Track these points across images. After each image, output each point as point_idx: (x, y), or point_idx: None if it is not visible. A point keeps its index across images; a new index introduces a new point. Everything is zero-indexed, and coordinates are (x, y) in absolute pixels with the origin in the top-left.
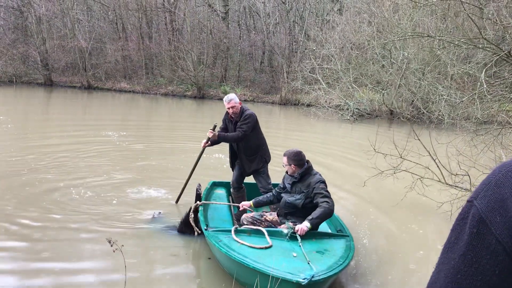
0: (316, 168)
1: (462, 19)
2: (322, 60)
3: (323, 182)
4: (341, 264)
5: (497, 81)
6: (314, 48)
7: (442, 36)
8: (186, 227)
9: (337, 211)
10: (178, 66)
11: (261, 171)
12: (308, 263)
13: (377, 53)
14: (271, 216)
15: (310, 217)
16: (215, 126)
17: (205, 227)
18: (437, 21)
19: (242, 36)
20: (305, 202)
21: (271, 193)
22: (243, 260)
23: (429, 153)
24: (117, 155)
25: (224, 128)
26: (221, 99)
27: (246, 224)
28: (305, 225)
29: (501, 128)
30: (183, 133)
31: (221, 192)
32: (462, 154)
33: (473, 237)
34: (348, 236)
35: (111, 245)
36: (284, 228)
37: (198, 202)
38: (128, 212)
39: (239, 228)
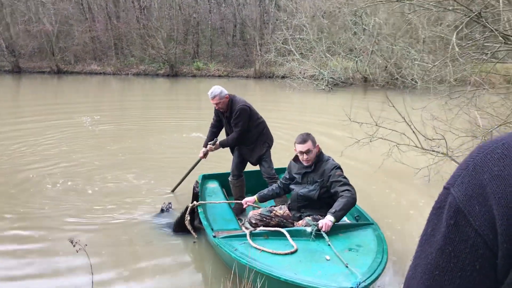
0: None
1: None
2: (294, 31)
3: (339, 167)
4: (381, 262)
5: (468, 43)
6: (286, 18)
7: (411, 0)
8: (182, 229)
9: None
10: (148, 45)
11: (264, 157)
12: (347, 267)
13: (349, 20)
14: (281, 210)
15: (332, 209)
16: (215, 141)
17: (213, 234)
18: None
19: (212, 10)
20: (320, 193)
21: (276, 185)
22: (272, 272)
23: (404, 119)
24: (93, 139)
25: (218, 121)
26: (195, 75)
27: (255, 223)
28: (329, 220)
29: (475, 90)
30: (159, 112)
31: (214, 185)
32: (437, 118)
33: (450, 229)
34: (372, 224)
35: (74, 245)
36: (305, 226)
37: (195, 202)
38: (115, 203)
39: (254, 231)
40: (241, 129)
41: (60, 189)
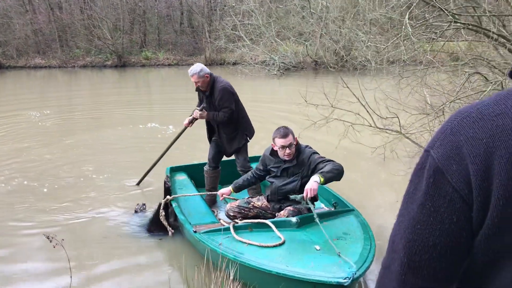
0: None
1: None
2: (243, 16)
3: (316, 152)
4: (370, 249)
5: (418, 23)
6: (234, 4)
7: None
8: (157, 227)
9: None
10: (94, 35)
11: (242, 149)
12: (339, 255)
13: (296, 4)
14: (260, 202)
15: (320, 170)
16: (203, 107)
17: (194, 229)
18: None
19: None
20: (302, 183)
21: (251, 174)
22: (263, 266)
23: (358, 99)
24: (44, 135)
25: (200, 101)
26: (144, 65)
27: (233, 215)
28: (314, 181)
29: (426, 68)
30: (111, 104)
31: (183, 178)
32: (390, 97)
33: (430, 186)
34: (353, 209)
35: (50, 241)
36: (289, 216)
37: (168, 196)
38: (75, 201)
39: (237, 224)
40: (229, 109)
41: (13, 189)
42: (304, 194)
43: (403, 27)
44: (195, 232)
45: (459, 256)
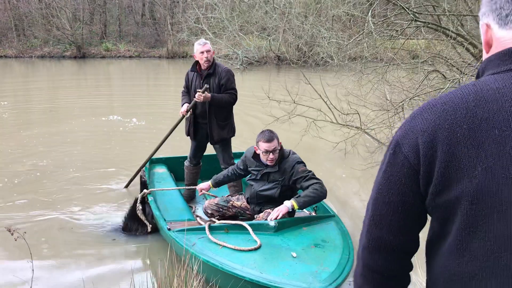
0: None
1: None
2: (206, 9)
3: (301, 162)
4: (348, 258)
5: (380, 20)
6: None
7: None
8: (133, 223)
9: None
10: (52, 25)
11: (227, 143)
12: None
13: None
14: (239, 201)
15: (297, 195)
16: (206, 88)
17: (167, 226)
18: None
19: None
20: (281, 191)
21: (231, 170)
22: (235, 271)
23: (320, 96)
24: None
25: (185, 89)
26: (104, 57)
27: (211, 213)
28: (284, 206)
29: (387, 65)
30: (69, 95)
31: (162, 170)
32: (352, 94)
33: (390, 156)
34: (334, 216)
35: (12, 234)
36: (268, 219)
37: (145, 190)
38: (37, 198)
39: (213, 225)
40: (236, 92)
41: None
42: (270, 216)
43: (366, 24)
44: (169, 229)
45: (410, 212)
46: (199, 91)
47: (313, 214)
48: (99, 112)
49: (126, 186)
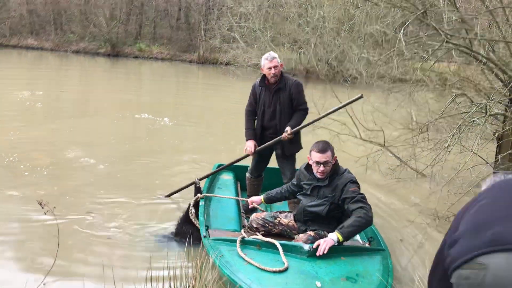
0: (236, 131)
1: None
2: (240, 18)
3: (355, 182)
4: None
5: (412, 39)
6: (232, 5)
7: None
8: (187, 227)
9: None
10: (89, 22)
11: (294, 158)
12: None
13: (294, 12)
14: (287, 219)
15: (340, 225)
16: (287, 129)
17: (204, 234)
18: None
19: None
20: (329, 209)
21: (286, 188)
22: None
23: (346, 111)
24: (31, 116)
25: (252, 104)
26: (136, 57)
27: (256, 227)
28: (331, 239)
29: (415, 85)
30: (102, 91)
31: (228, 177)
32: (378, 110)
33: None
34: (384, 250)
35: (42, 207)
36: (303, 243)
37: (199, 194)
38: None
39: (246, 238)
40: (306, 105)
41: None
42: (319, 250)
43: (397, 41)
44: (204, 237)
45: None
46: (286, 133)
47: (367, 245)
48: (128, 108)
49: (169, 195)
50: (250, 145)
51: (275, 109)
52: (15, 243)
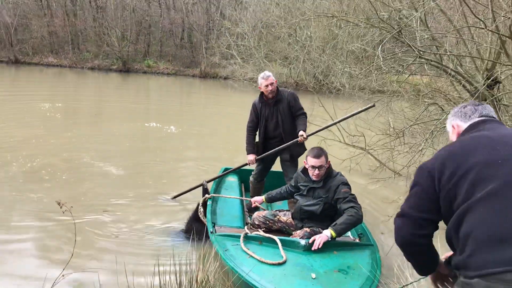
0: (235, 138)
1: (357, 1)
2: (237, 38)
3: (346, 183)
4: None
5: (389, 55)
6: (229, 26)
7: (345, 17)
8: (196, 224)
9: None
10: (103, 42)
11: (297, 160)
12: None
13: (284, 32)
14: (285, 217)
15: (333, 223)
16: (301, 133)
17: (211, 230)
18: (334, 3)
19: (163, 14)
20: (324, 208)
21: (285, 188)
22: (251, 281)
23: (331, 117)
24: (52, 125)
25: (253, 121)
26: (145, 72)
27: (258, 224)
28: (325, 235)
29: (392, 96)
30: (114, 103)
31: (233, 180)
32: (359, 118)
33: (416, 174)
34: (372, 245)
35: (60, 207)
36: (300, 238)
37: (206, 195)
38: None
39: (249, 234)
40: (304, 112)
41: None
42: (315, 244)
43: (376, 57)
44: (211, 232)
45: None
46: (301, 136)
47: (357, 240)
48: (138, 118)
49: (174, 197)
50: (251, 159)
51: (277, 120)
52: (36, 240)
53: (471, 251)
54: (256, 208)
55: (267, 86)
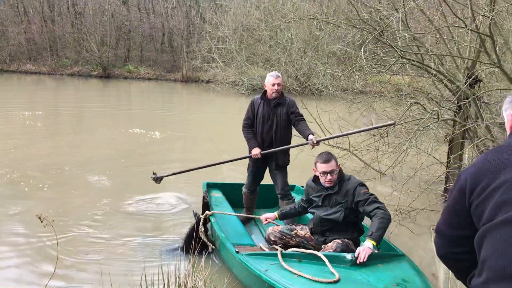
0: (219, 141)
1: (338, 2)
2: (218, 41)
3: (363, 184)
4: None
5: (371, 56)
6: (210, 30)
7: (326, 18)
8: (195, 243)
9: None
10: (82, 48)
11: (285, 169)
12: None
13: (265, 35)
14: (303, 231)
15: (369, 232)
16: (311, 137)
17: (236, 249)
18: (315, 5)
19: (142, 19)
20: (345, 214)
21: (298, 204)
22: None
23: (315, 119)
24: (33, 133)
25: (249, 118)
26: (126, 78)
27: (274, 240)
28: (367, 247)
29: (374, 96)
30: (95, 109)
31: (218, 195)
32: (343, 119)
33: (452, 190)
34: (404, 255)
35: (41, 221)
36: (337, 249)
37: (207, 211)
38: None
39: (285, 252)
40: (302, 115)
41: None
42: (360, 258)
43: (358, 58)
44: (237, 252)
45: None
46: (312, 139)
47: (376, 251)
48: (121, 124)
49: (157, 179)
50: (257, 152)
51: (272, 123)
52: (17, 256)
53: (487, 278)
54: (248, 222)
55: (273, 84)
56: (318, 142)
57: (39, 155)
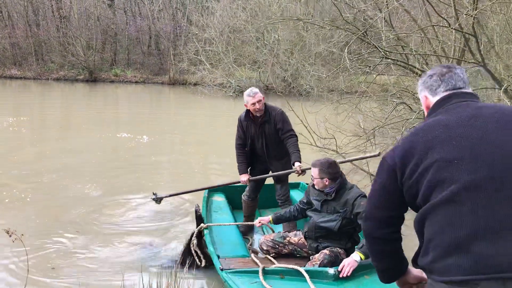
0: (207, 143)
1: (322, 4)
2: (205, 43)
3: (365, 196)
4: None
5: (355, 57)
6: (197, 32)
7: (309, 19)
8: (189, 257)
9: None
10: (68, 52)
11: (287, 179)
12: None
13: (252, 36)
14: (296, 237)
15: (360, 244)
16: (298, 165)
17: (220, 266)
18: (301, 6)
19: (129, 22)
20: (342, 224)
21: (294, 207)
22: None
23: (301, 121)
24: (17, 140)
25: (241, 137)
26: (113, 81)
27: (267, 250)
28: (353, 260)
29: (360, 97)
30: (82, 114)
31: (220, 199)
32: (329, 121)
33: (379, 167)
34: None
35: (10, 235)
36: (328, 267)
37: (202, 224)
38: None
39: (267, 268)
40: (294, 132)
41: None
42: (343, 272)
43: (342, 60)
44: (221, 269)
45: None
46: (298, 166)
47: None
48: (108, 129)
49: (159, 199)
50: (244, 180)
51: (263, 142)
52: None
53: (433, 257)
54: (251, 230)
55: (254, 104)
56: (304, 171)
57: (22, 162)
